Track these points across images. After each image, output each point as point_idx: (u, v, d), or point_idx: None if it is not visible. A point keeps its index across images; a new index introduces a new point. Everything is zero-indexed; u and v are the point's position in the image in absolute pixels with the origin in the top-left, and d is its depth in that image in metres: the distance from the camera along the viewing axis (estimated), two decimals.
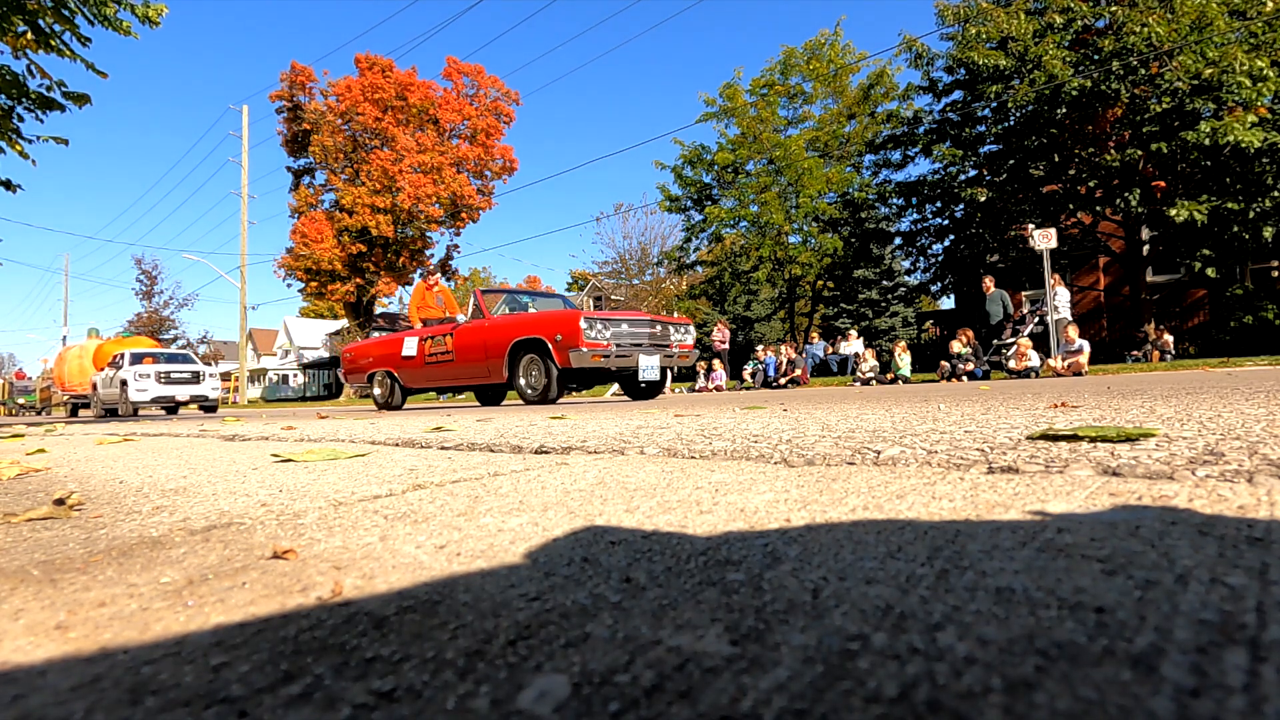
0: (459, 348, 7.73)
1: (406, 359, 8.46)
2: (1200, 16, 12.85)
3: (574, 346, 6.44)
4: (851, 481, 1.01)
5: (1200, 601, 0.46)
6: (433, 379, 8.24)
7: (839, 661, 0.41)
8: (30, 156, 6.56)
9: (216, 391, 16.10)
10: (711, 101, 21.84)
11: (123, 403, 15.12)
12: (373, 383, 9.28)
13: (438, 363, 8.01)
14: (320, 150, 31.01)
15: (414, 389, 8.76)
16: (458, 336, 7.75)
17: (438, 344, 8.01)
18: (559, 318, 6.73)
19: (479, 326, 7.55)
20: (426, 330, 8.33)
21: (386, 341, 9.10)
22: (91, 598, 0.65)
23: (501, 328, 7.30)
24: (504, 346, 7.15)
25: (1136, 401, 2.11)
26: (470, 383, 7.81)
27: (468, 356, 7.60)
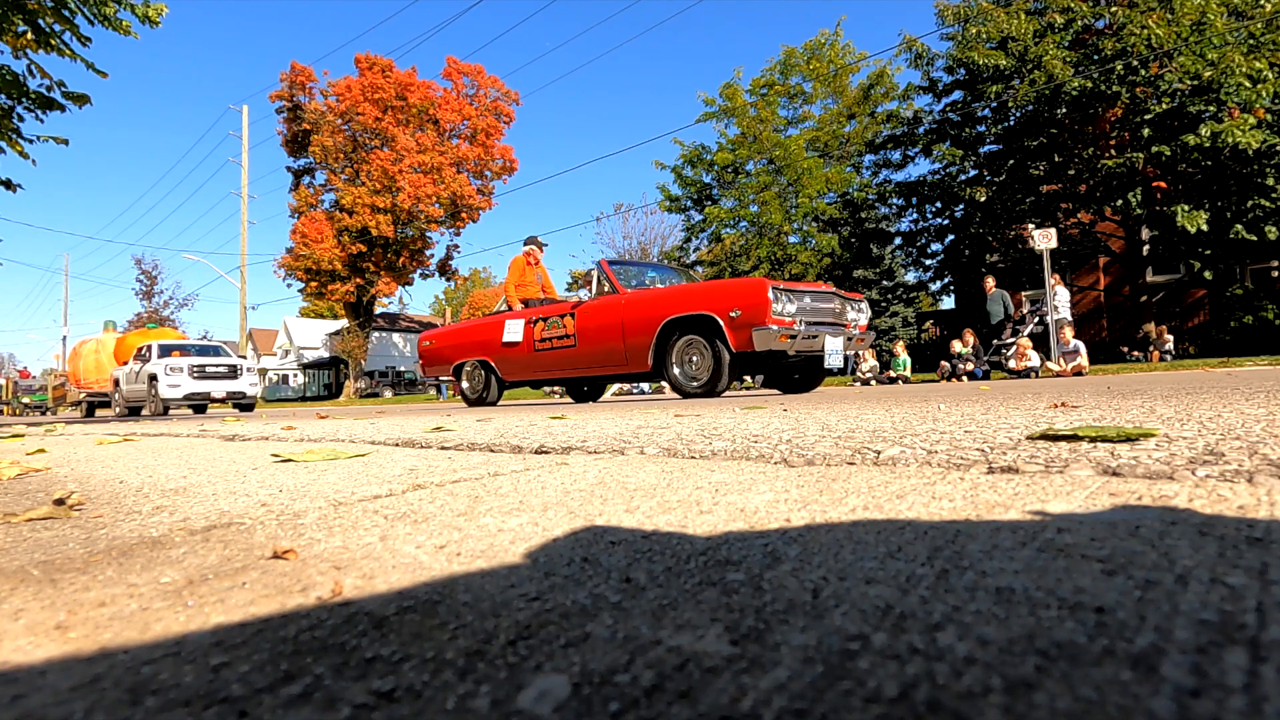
0: (585, 330, 6.41)
1: (509, 345, 7.16)
2: (1200, 17, 12.85)
3: (759, 323, 5.15)
4: (851, 481, 1.01)
5: (1200, 601, 0.46)
6: (545, 368, 6.95)
7: (839, 661, 0.41)
8: (30, 156, 6.56)
9: (255, 387, 14.49)
10: (711, 101, 21.84)
11: (151, 400, 13.55)
12: (460, 375, 8.05)
13: (553, 349, 6.74)
14: (320, 150, 31.01)
15: (516, 381, 7.50)
16: (583, 317, 6.44)
17: (553, 326, 6.72)
18: (736, 288, 5.41)
19: (611, 303, 6.23)
20: (534, 311, 7.07)
21: (480, 326, 7.81)
22: (91, 598, 0.65)
23: (648, 303, 5.97)
24: (652, 326, 5.83)
25: (1136, 401, 2.11)
26: (599, 372, 6.52)
27: (598, 340, 6.30)
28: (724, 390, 5.52)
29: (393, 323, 43.54)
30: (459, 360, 7.96)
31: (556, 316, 6.75)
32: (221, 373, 14.03)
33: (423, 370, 8.60)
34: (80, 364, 18.26)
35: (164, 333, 17.83)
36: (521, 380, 7.42)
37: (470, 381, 7.93)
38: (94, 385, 17.69)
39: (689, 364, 5.77)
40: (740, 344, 5.30)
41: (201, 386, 13.53)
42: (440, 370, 8.33)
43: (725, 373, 5.45)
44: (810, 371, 6.52)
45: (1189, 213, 12.78)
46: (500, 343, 7.25)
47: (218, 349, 15.72)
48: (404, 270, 32.77)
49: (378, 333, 40.71)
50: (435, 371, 8.43)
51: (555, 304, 7.04)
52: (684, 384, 5.76)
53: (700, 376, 5.66)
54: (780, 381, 6.90)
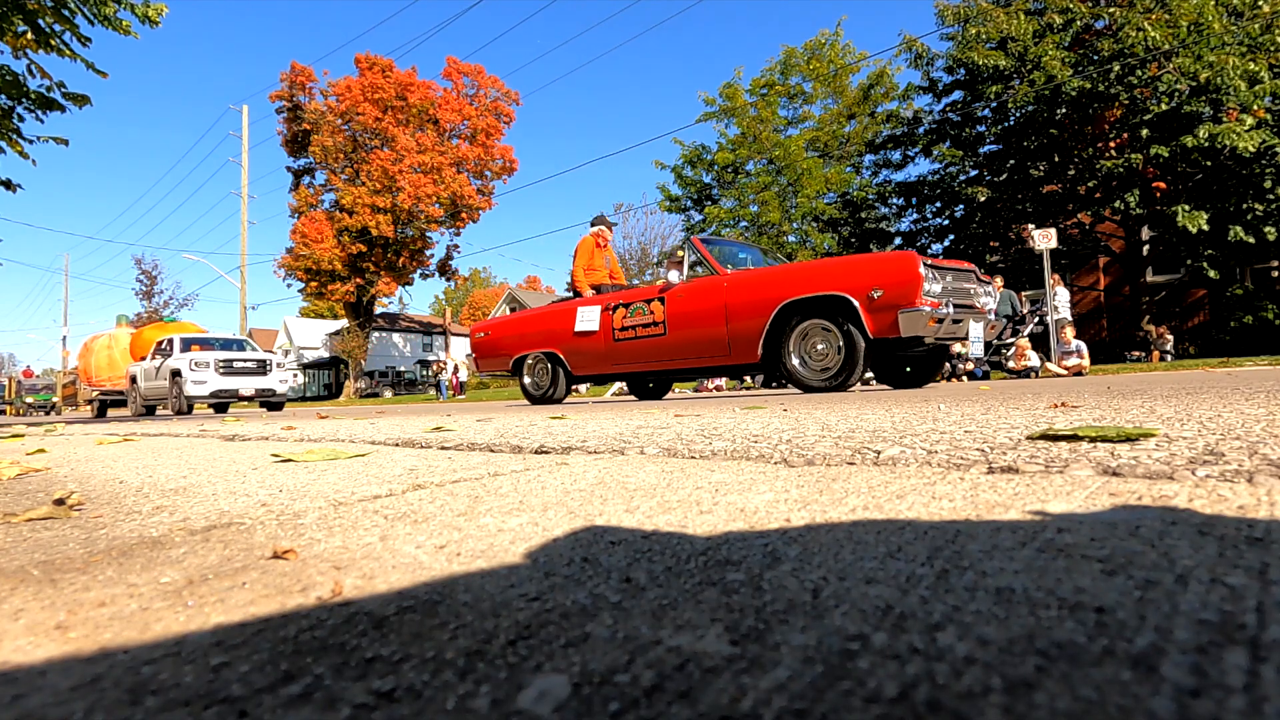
0: (678, 316, 5.66)
1: (582, 335, 6.38)
2: (1198, 19, 12.85)
3: (907, 305, 4.48)
4: (851, 481, 1.01)
5: (1200, 601, 0.46)
6: (626, 360, 6.14)
7: (839, 661, 0.41)
8: (30, 156, 6.56)
9: (285, 385, 13.37)
10: (711, 101, 21.85)
11: (174, 398, 12.33)
12: (521, 369, 7.20)
13: (636, 338, 5.96)
14: (320, 150, 31.02)
15: (588, 375, 6.69)
16: (675, 302, 5.69)
17: (637, 314, 5.94)
18: (879, 264, 4.72)
19: (710, 286, 5.51)
20: (612, 297, 6.30)
21: (546, 314, 6.98)
22: (91, 598, 0.65)
23: (758, 284, 5.24)
24: (765, 310, 5.10)
25: (1136, 401, 2.11)
26: (693, 364, 5.78)
27: (695, 327, 5.56)
28: (855, 383, 4.86)
29: (393, 323, 43.54)
30: (520, 353, 7.11)
31: (641, 302, 5.95)
32: (250, 368, 12.87)
33: (476, 365, 7.73)
34: (92, 360, 17.18)
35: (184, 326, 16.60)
36: (595, 374, 6.66)
37: (533, 376, 7.11)
38: (107, 383, 16.75)
39: (811, 353, 5.02)
40: (880, 329, 4.62)
41: (229, 383, 12.44)
42: (497, 364, 7.50)
43: (860, 362, 4.73)
44: (929, 363, 5.79)
45: (1189, 213, 12.79)
46: (571, 333, 6.46)
47: (242, 343, 14.64)
48: (404, 270, 32.78)
49: (378, 333, 40.71)
50: (491, 366, 7.57)
51: (638, 288, 6.17)
52: (806, 376, 5.00)
53: (827, 365, 4.93)
54: (890, 374, 6.06)
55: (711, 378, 6.05)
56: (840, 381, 4.87)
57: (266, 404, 13.46)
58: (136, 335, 16.14)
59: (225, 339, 14.51)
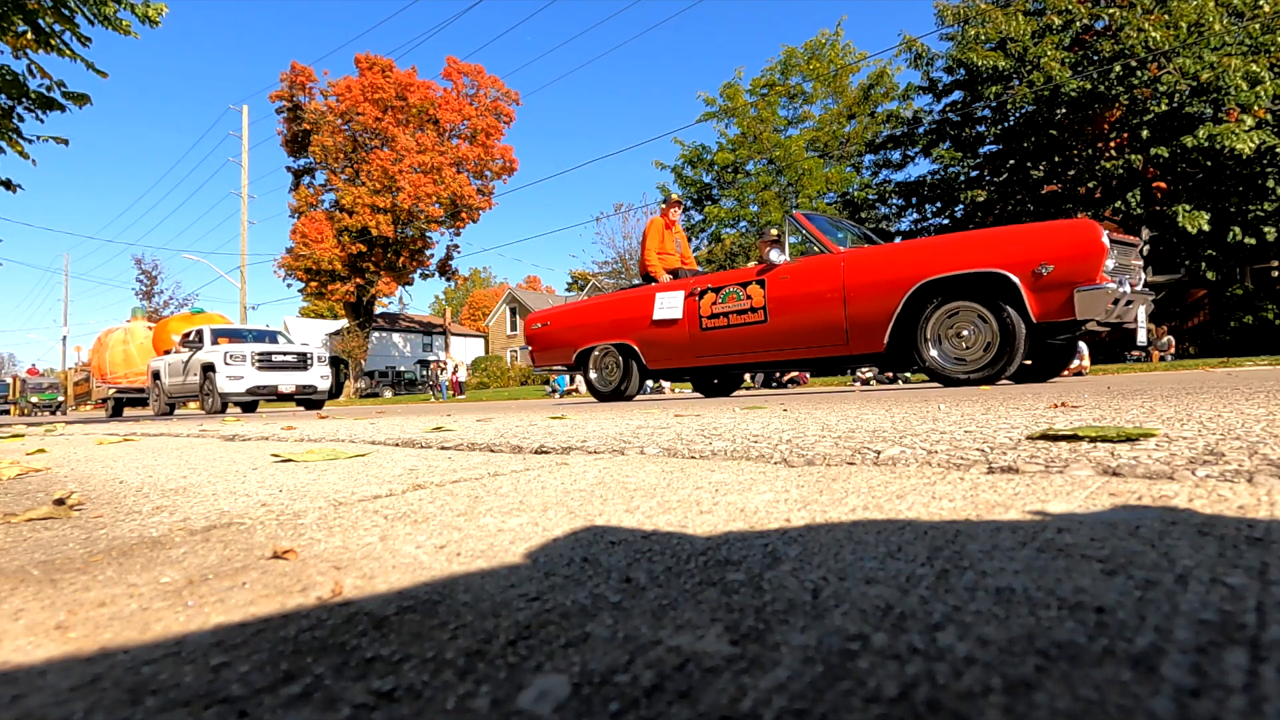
0: (782, 301, 5.05)
1: (662, 324, 5.79)
2: (1198, 19, 12.86)
3: (1085, 281, 3.87)
4: (851, 481, 1.01)
5: (1200, 601, 0.46)
6: (715, 351, 5.55)
7: (839, 661, 0.41)
8: (30, 156, 6.57)
9: (326, 381, 12.13)
10: (712, 101, 21.87)
11: (206, 395, 11.18)
12: (587, 362, 6.54)
13: (729, 327, 5.38)
14: (320, 150, 31.04)
15: (666, 368, 6.05)
16: (777, 284, 5.07)
17: (730, 299, 5.36)
18: (1051, 234, 4.07)
19: (823, 266, 4.89)
20: (698, 281, 5.72)
21: (616, 302, 6.36)
22: (91, 598, 0.65)
23: (886, 261, 4.59)
24: (896, 291, 4.46)
25: (1136, 401, 2.11)
26: (800, 355, 5.12)
27: (805, 313, 4.93)
28: (1009, 374, 4.20)
29: (393, 323, 43.56)
30: (585, 345, 6.46)
31: (735, 286, 5.34)
32: (290, 362, 11.64)
33: (532, 359, 7.08)
34: (107, 356, 16.00)
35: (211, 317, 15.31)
36: (676, 367, 6.00)
37: (600, 371, 6.47)
38: (122, 380, 15.66)
39: (955, 341, 4.36)
40: (1047, 311, 3.97)
41: (268, 379, 11.23)
42: (557, 358, 6.81)
43: (1019, 351, 4.07)
44: (1062, 352, 5.04)
45: (1190, 213, 12.79)
46: (648, 322, 5.85)
47: (275, 335, 13.30)
48: (404, 270, 32.80)
49: (378, 333, 40.73)
50: (550, 360, 6.89)
51: (730, 271, 5.58)
52: (948, 368, 4.39)
53: (976, 357, 4.26)
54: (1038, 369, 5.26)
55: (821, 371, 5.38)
56: (993, 373, 4.21)
57: (306, 402, 12.23)
58: (160, 327, 15.05)
59: (258, 330, 13.34)
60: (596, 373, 6.52)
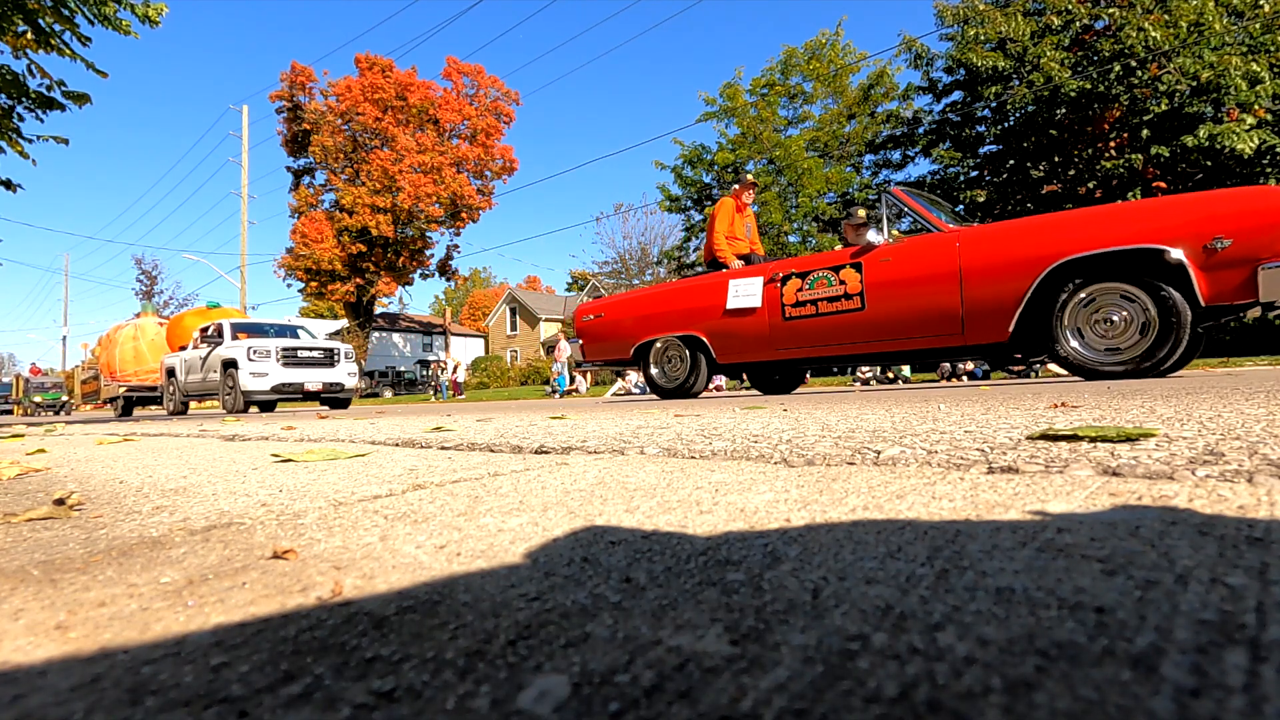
0: (884, 286, 4.57)
1: (737, 314, 5.31)
2: (1198, 19, 12.87)
3: (1272, 257, 3.40)
4: (851, 481, 1.01)
5: (1200, 601, 0.46)
6: (801, 342, 5.05)
7: (839, 661, 0.41)
8: (30, 156, 6.57)
9: (354, 379, 11.51)
10: (712, 101, 21.88)
11: (227, 393, 10.54)
12: (646, 357, 6.02)
13: (818, 315, 4.91)
14: (320, 150, 31.05)
15: (740, 362, 5.52)
16: (877, 267, 4.60)
17: (820, 284, 4.88)
18: (1223, 202, 3.57)
19: (934, 245, 4.38)
20: (779, 265, 5.19)
21: (681, 290, 5.82)
22: (91, 598, 0.65)
23: (1013, 238, 4.07)
24: (1026, 272, 3.96)
25: (1136, 401, 2.11)
26: (905, 345, 4.62)
27: (911, 298, 4.46)
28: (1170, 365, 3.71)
29: (393, 323, 43.56)
30: (646, 338, 5.93)
31: (825, 270, 4.87)
32: (316, 359, 10.98)
33: (583, 353, 6.47)
34: (116, 353, 15.31)
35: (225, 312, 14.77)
36: (752, 361, 5.46)
37: (662, 365, 5.97)
38: (132, 378, 15.01)
39: (1100, 328, 3.85)
40: (1221, 292, 3.48)
41: (294, 376, 10.60)
42: (611, 351, 6.24)
43: (1184, 338, 3.59)
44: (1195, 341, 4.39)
45: None
46: (720, 311, 5.38)
47: (296, 330, 12.46)
48: (404, 270, 32.81)
49: (378, 333, 40.73)
50: (603, 354, 6.32)
51: (817, 254, 5.09)
52: (1093, 359, 3.87)
53: (1130, 346, 3.76)
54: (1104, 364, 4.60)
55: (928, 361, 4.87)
56: (1152, 364, 3.70)
57: (332, 401, 11.55)
58: (175, 322, 14.35)
59: (280, 325, 12.51)
60: (658, 368, 6.03)
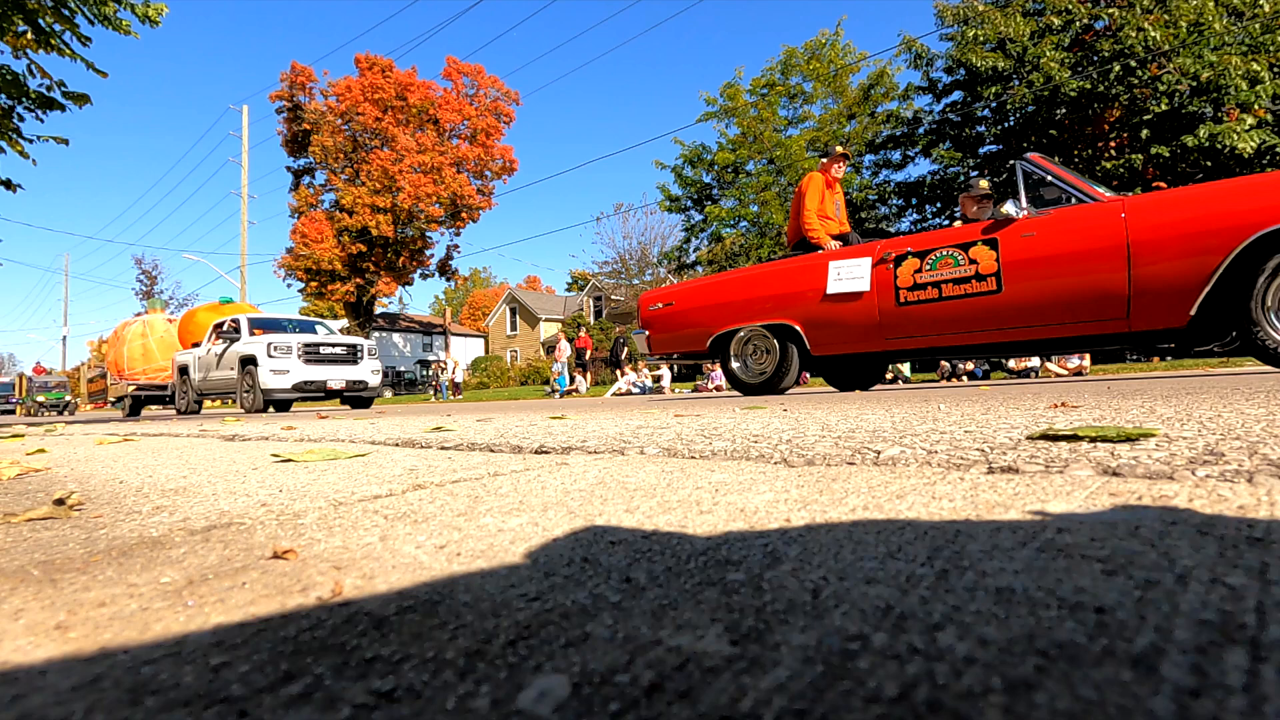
0: (1026, 264, 4.02)
1: (839, 299, 4.76)
2: (1198, 18, 12.87)
3: None
4: (851, 481, 1.01)
5: (1200, 601, 0.46)
6: (920, 330, 4.50)
7: (839, 661, 0.41)
8: (30, 156, 6.58)
9: (377, 376, 11.04)
10: (712, 101, 21.87)
11: (246, 391, 10.02)
12: (725, 349, 5.47)
13: (942, 300, 4.34)
14: (320, 150, 31.06)
15: (840, 353, 4.94)
16: (1016, 244, 4.05)
17: (943, 265, 4.32)
18: None
19: (1093, 216, 3.81)
20: (892, 244, 4.65)
21: (770, 274, 5.21)
22: (91, 598, 0.65)
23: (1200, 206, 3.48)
24: (1220, 245, 3.38)
25: (1136, 401, 2.11)
26: (1054, 333, 4.05)
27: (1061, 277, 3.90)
28: None
29: (393, 323, 43.56)
30: (725, 327, 5.37)
31: (950, 248, 4.31)
32: (339, 355, 10.47)
33: (650, 346, 5.87)
34: (124, 350, 14.76)
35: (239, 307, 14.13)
36: (857, 352, 4.89)
37: (746, 358, 5.43)
38: (140, 376, 14.50)
39: None
40: None
41: (316, 373, 10.07)
42: (683, 343, 5.66)
43: None
44: None
45: None
46: (818, 296, 4.84)
47: (313, 324, 11.92)
48: (404, 270, 32.82)
49: (378, 333, 40.73)
50: (673, 345, 5.74)
51: (938, 231, 4.53)
52: None
53: None
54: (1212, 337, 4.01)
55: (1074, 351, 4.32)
56: None
57: (355, 399, 11.07)
58: (187, 318, 13.91)
59: (299, 320, 11.98)
60: (740, 361, 5.46)
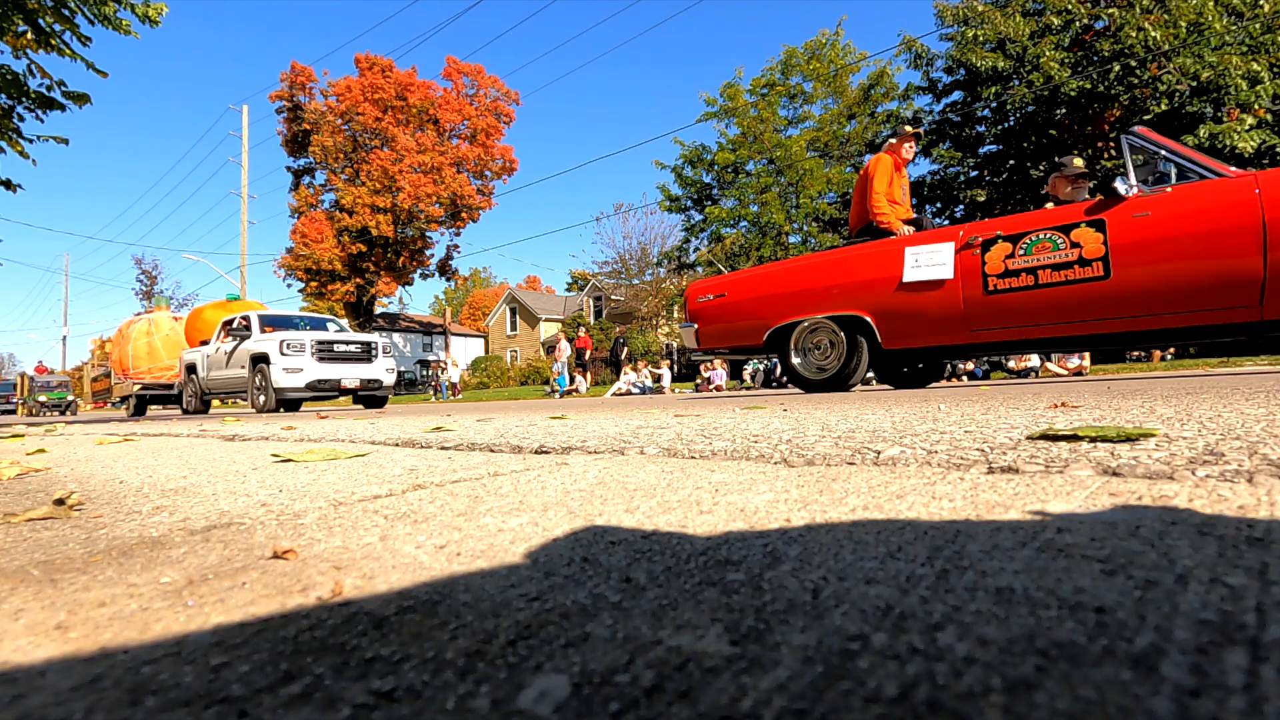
0: (1139, 247, 3.72)
1: (917, 287, 4.44)
2: (1198, 18, 12.87)
3: None
4: (851, 481, 1.01)
5: (1200, 601, 0.46)
6: (1011, 320, 4.20)
7: (839, 661, 0.41)
8: (30, 156, 6.57)
9: (392, 375, 10.78)
10: (712, 101, 21.87)
11: (258, 390, 9.76)
12: (786, 343, 5.12)
13: (1039, 287, 4.03)
14: (320, 150, 31.06)
15: (919, 346, 4.65)
16: (1126, 225, 3.74)
17: (1040, 249, 4.01)
18: None
19: (1220, 192, 3.57)
20: (976, 228, 4.34)
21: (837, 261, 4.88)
22: (91, 598, 0.65)
23: None
24: None
25: (1136, 401, 2.11)
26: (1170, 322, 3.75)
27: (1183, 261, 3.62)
28: None
29: (393, 323, 43.56)
30: (784, 319, 5.01)
31: (1048, 231, 3.99)
32: (353, 353, 10.19)
33: (698, 340, 5.50)
34: (129, 349, 14.43)
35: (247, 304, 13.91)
36: (936, 345, 4.57)
37: (808, 353, 5.07)
38: (145, 375, 14.21)
39: None
40: None
41: (330, 371, 9.77)
42: (737, 336, 5.31)
43: None
44: None
45: None
46: (892, 284, 4.54)
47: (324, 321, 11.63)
48: (404, 270, 32.82)
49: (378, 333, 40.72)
50: (725, 340, 5.38)
51: (1032, 213, 4.21)
52: None
53: None
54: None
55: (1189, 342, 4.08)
56: None
57: (369, 399, 10.82)
58: (194, 315, 13.62)
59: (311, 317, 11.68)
60: (801, 356, 5.10)
